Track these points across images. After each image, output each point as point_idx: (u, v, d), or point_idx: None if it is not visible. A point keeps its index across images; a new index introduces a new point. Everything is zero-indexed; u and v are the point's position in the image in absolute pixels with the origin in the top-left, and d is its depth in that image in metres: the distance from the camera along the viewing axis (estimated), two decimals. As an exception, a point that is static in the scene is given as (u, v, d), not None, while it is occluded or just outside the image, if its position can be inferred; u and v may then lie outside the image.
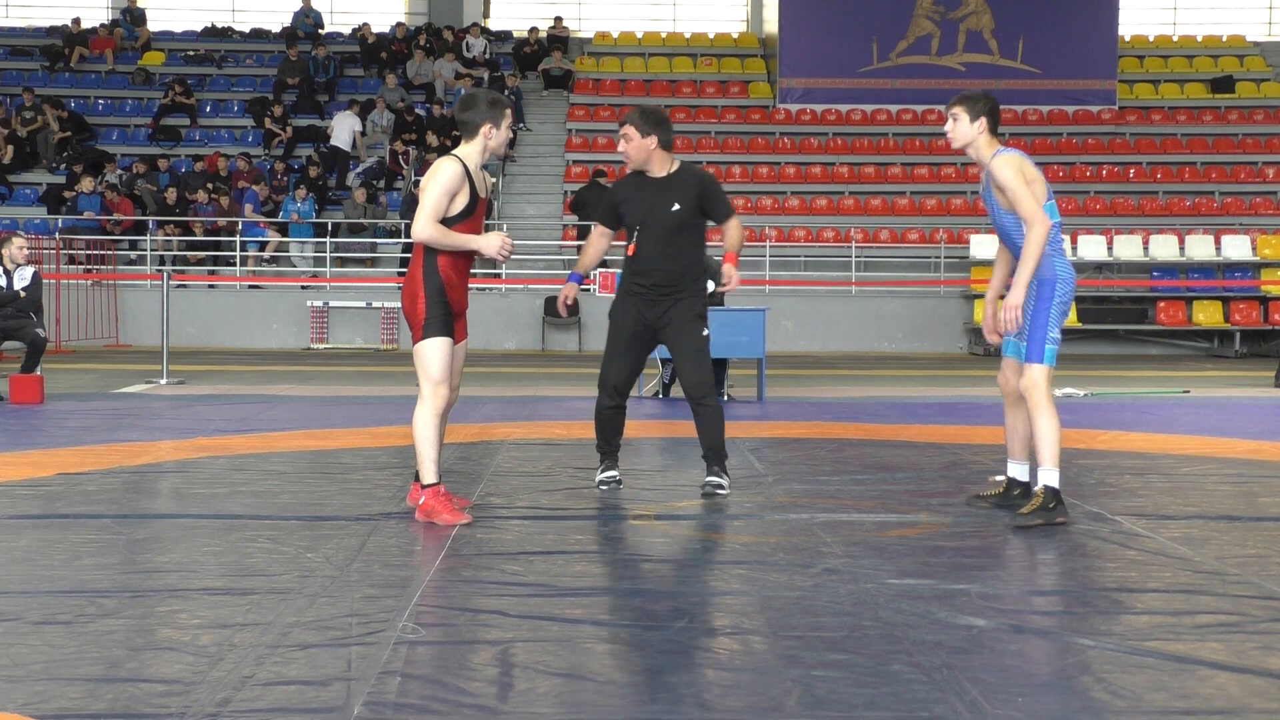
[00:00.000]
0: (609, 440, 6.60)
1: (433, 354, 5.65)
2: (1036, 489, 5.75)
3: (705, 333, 6.42)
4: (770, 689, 3.41)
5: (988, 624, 4.02)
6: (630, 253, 6.42)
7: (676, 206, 6.34)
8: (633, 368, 6.56)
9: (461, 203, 5.65)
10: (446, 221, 5.64)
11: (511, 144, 24.04)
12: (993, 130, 5.93)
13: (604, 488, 6.54)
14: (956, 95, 6.03)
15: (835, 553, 5.07)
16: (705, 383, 6.39)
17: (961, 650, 3.73)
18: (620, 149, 6.41)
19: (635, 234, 6.40)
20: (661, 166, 6.41)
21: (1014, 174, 5.71)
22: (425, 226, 5.60)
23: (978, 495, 6.26)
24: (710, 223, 6.61)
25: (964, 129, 5.92)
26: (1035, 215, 5.67)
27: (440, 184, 5.62)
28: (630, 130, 6.34)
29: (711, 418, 6.43)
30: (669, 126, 6.42)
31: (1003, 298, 5.89)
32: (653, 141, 6.35)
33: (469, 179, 5.67)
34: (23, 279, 11.33)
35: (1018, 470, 6.09)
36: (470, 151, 5.74)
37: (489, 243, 5.66)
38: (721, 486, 6.40)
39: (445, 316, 5.67)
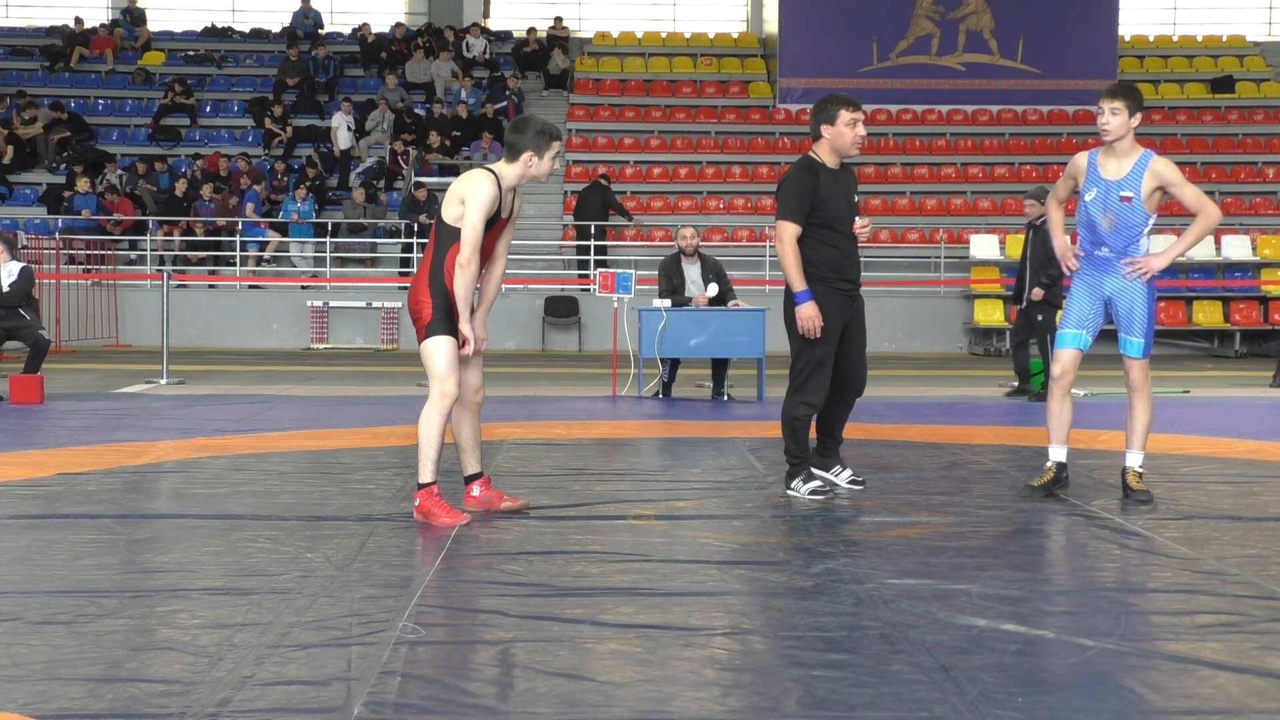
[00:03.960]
0: (806, 447, 6.41)
1: (438, 351, 5.65)
2: (1138, 468, 6.24)
3: None
4: (770, 689, 3.41)
5: (988, 624, 4.02)
6: (829, 247, 6.28)
7: (856, 199, 6.41)
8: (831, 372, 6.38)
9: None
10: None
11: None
12: None
13: (820, 497, 6.30)
14: (1113, 87, 6.25)
15: (835, 553, 5.07)
16: (864, 381, 6.57)
17: (961, 650, 3.73)
18: (863, 134, 6.29)
19: (833, 229, 6.26)
20: (838, 159, 6.36)
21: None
22: (470, 265, 5.56)
23: (1029, 485, 6.49)
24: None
25: (1123, 122, 6.12)
26: (1207, 201, 6.17)
27: (479, 207, 5.58)
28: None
29: (849, 411, 6.61)
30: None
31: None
32: None
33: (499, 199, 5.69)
34: (10, 275, 11.29)
35: (1061, 454, 6.42)
36: (508, 172, 5.74)
37: (465, 328, 5.65)
38: (858, 481, 6.61)
39: (450, 317, 5.67)
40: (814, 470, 6.50)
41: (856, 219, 6.35)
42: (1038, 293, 11.66)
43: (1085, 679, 3.51)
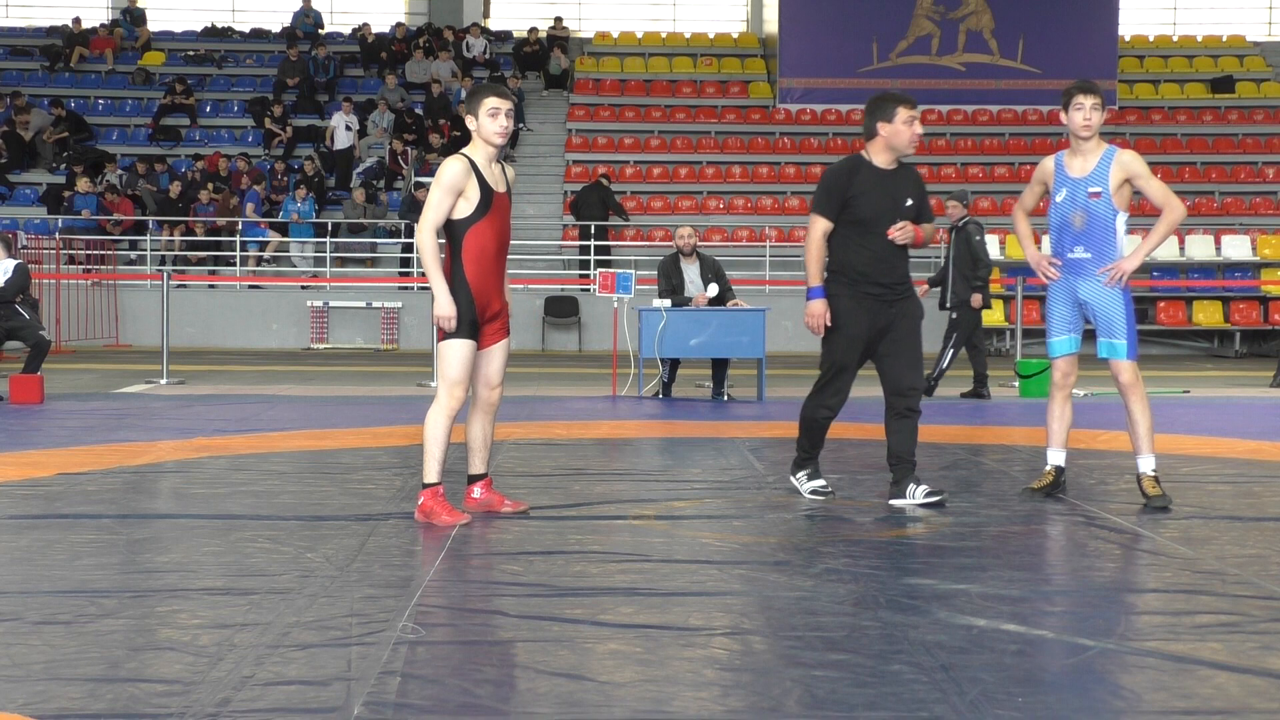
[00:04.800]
0: (818, 445, 6.33)
1: (453, 355, 5.60)
2: (1152, 472, 6.14)
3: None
4: (770, 689, 3.41)
5: (988, 624, 4.02)
6: (860, 250, 6.03)
7: (910, 202, 6.09)
8: (854, 377, 6.20)
9: (474, 200, 5.57)
10: (464, 222, 5.56)
11: (513, 143, 24.07)
12: None
13: (820, 498, 6.25)
14: (1088, 83, 6.21)
15: (835, 553, 5.07)
16: (921, 390, 6.14)
17: (961, 650, 3.73)
18: (919, 132, 6.11)
19: (866, 230, 6.00)
20: (892, 158, 6.14)
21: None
22: (424, 236, 5.53)
23: (1029, 488, 6.44)
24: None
25: (1101, 117, 6.17)
26: (1172, 196, 6.10)
27: (441, 184, 5.55)
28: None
29: (915, 427, 6.14)
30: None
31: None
32: None
33: (477, 174, 5.62)
34: (5, 272, 11.28)
35: (1060, 458, 6.39)
36: (473, 148, 5.70)
37: (441, 305, 5.54)
38: (936, 494, 6.07)
39: (470, 321, 5.60)
40: (819, 473, 6.41)
41: (899, 222, 6.04)
42: (977, 299, 11.72)
43: (1085, 679, 3.51)
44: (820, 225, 6.05)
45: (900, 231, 6.02)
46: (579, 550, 5.11)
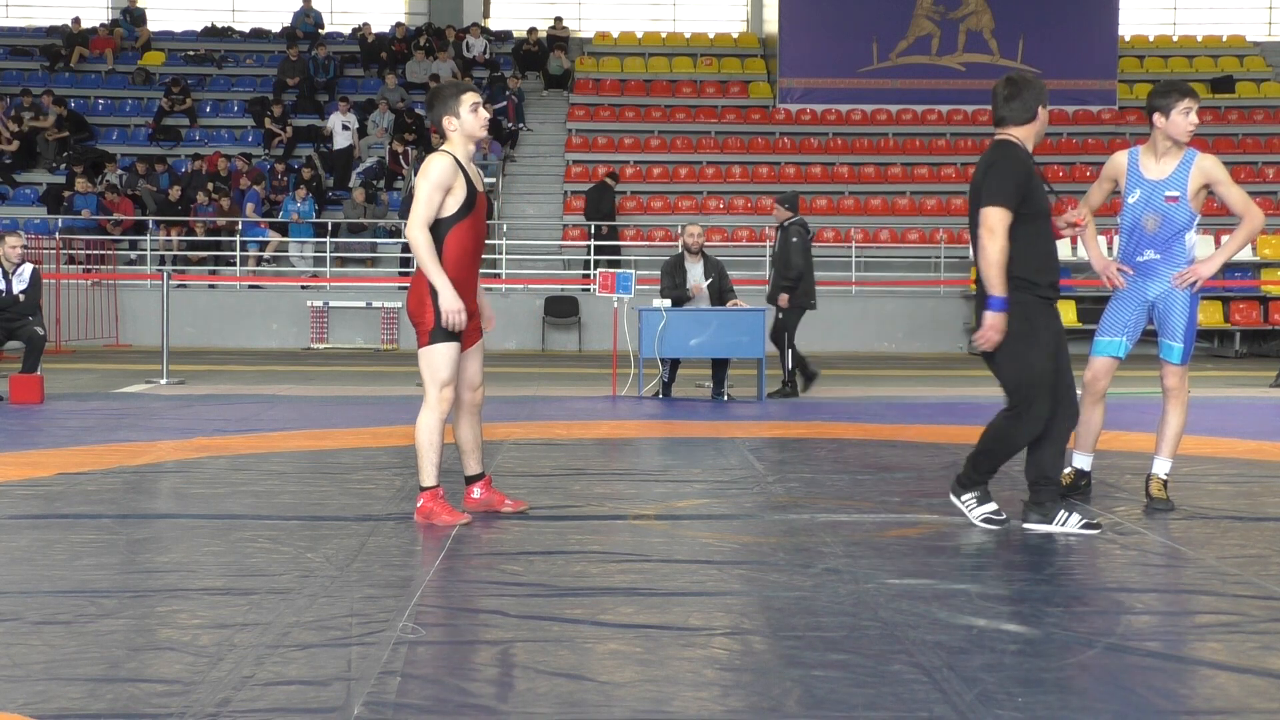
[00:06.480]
0: (997, 469, 5.63)
1: (441, 358, 5.57)
2: (1164, 475, 6.11)
3: None
4: (770, 689, 3.41)
5: (988, 624, 4.02)
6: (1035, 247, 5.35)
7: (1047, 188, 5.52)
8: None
9: (459, 198, 5.52)
10: (447, 221, 5.52)
11: (513, 143, 24.08)
12: None
13: (994, 526, 5.56)
14: (1185, 85, 6.09)
15: (835, 553, 5.07)
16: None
17: (961, 650, 3.73)
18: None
19: (1042, 225, 5.37)
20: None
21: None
22: (416, 232, 5.47)
23: None
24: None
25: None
26: (1252, 204, 6.00)
27: (431, 180, 5.48)
28: None
29: (1063, 449, 5.60)
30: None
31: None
32: None
33: (463, 172, 5.58)
34: (21, 279, 11.31)
35: (1084, 461, 6.36)
36: (453, 147, 5.65)
37: (447, 300, 5.46)
38: (1093, 525, 5.51)
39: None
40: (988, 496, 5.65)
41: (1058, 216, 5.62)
42: (784, 299, 11.70)
43: (1085, 679, 3.51)
44: (1006, 221, 5.25)
45: (1069, 225, 5.63)
46: (579, 550, 5.11)
